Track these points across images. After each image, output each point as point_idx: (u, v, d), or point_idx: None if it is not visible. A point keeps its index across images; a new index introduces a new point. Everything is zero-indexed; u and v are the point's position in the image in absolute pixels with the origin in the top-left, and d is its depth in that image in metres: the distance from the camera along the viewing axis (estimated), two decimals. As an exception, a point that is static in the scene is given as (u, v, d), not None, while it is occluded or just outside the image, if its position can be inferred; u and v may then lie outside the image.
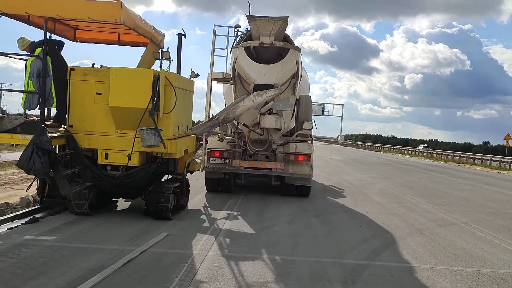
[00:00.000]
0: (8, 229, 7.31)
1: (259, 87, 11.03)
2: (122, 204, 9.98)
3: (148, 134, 7.75)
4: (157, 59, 9.18)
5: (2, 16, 7.68)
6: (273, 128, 11.70)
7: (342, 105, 79.59)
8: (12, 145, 8.32)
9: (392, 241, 8.00)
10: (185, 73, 10.31)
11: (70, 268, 5.47)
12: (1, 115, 7.64)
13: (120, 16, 7.44)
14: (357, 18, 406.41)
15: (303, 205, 11.24)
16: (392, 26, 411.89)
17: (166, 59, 9.16)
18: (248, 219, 9.15)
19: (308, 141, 12.44)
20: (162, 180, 9.56)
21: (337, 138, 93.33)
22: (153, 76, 7.90)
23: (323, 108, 75.21)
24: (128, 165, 8.20)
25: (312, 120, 13.21)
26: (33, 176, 8.36)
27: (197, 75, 10.12)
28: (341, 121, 77.72)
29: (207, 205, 10.59)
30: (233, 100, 11.52)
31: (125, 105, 7.92)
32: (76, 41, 10.16)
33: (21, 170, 8.84)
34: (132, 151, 8.01)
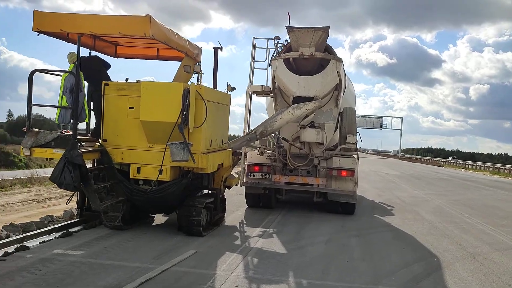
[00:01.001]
0: (40, 242, 7.39)
1: (299, 100, 10.68)
2: (159, 218, 9.92)
3: (177, 148, 7.62)
4: (188, 72, 9.10)
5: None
6: (314, 142, 11.27)
7: (402, 118, 76.87)
8: (46, 159, 8.51)
9: (438, 266, 7.27)
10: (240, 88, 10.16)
11: (86, 286, 5.35)
12: (37, 130, 7.81)
13: (149, 30, 7.41)
14: (417, 29, 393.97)
15: (345, 223, 10.65)
16: (455, 36, 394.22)
17: (197, 72, 9.06)
18: (283, 237, 8.74)
19: (353, 156, 11.85)
20: (197, 195, 9.40)
21: (397, 152, 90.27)
22: (183, 89, 7.78)
23: (381, 121, 73.09)
24: (159, 179, 8.11)
25: (357, 133, 12.59)
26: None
27: (234, 88, 9.95)
28: (401, 135, 75.04)
29: (244, 222, 10.29)
30: (273, 114, 11.23)
31: (156, 119, 7.86)
32: (117, 57, 10.34)
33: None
34: (162, 165, 7.91)
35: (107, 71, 9.15)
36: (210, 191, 9.28)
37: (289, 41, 11.06)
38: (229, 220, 10.07)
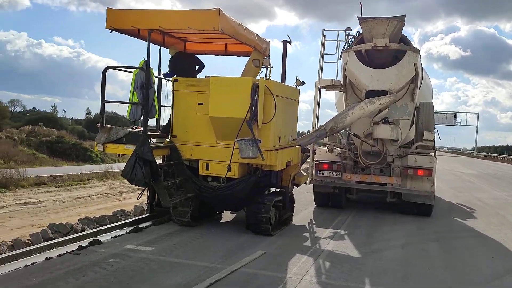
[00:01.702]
0: (112, 237, 7.50)
1: (372, 94, 10.08)
2: (227, 216, 9.80)
3: (246, 145, 7.40)
4: (256, 67, 8.85)
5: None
6: (388, 139, 10.62)
7: (478, 114, 72.06)
8: (118, 155, 8.65)
9: (535, 279, 6.47)
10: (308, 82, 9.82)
11: (154, 285, 5.27)
12: (109, 126, 7.93)
13: (218, 24, 7.24)
14: (494, 19, 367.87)
15: (422, 226, 9.93)
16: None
17: (265, 66, 8.79)
18: (355, 239, 8.27)
19: (430, 154, 11.04)
20: (265, 193, 9.17)
21: (472, 149, 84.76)
22: (252, 84, 7.54)
23: (455, 117, 69.03)
24: (227, 176, 7.95)
25: (435, 130, 11.72)
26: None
27: (303, 83, 9.56)
28: (476, 131, 70.42)
29: (313, 222, 9.91)
30: (344, 109, 10.72)
31: (224, 115, 7.69)
32: (186, 53, 10.32)
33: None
34: (230, 162, 7.73)
35: (199, 71, 9.21)
36: (278, 189, 9.00)
37: (361, 32, 10.48)
38: (297, 220, 9.73)
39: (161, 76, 9.23)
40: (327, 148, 11.60)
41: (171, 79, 8.66)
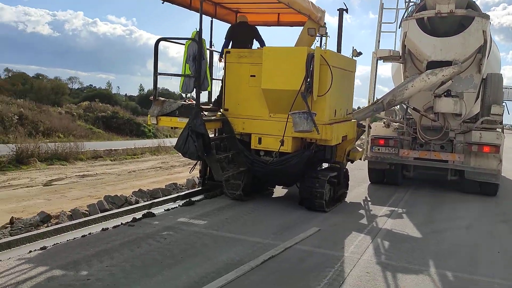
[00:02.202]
0: (165, 210, 7.52)
1: (434, 65, 9.43)
2: (279, 191, 9.62)
3: (300, 118, 7.10)
4: (312, 35, 8.44)
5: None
6: (451, 113, 9.96)
7: (547, 88, 66.99)
8: (171, 128, 8.61)
9: None
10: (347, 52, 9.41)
11: (207, 260, 5.17)
12: (162, 99, 7.87)
13: (273, -9, 6.89)
14: None
15: (486, 206, 9.30)
16: None
17: (322, 35, 8.36)
18: (414, 219, 7.84)
19: (497, 129, 10.26)
20: (319, 169, 8.88)
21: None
22: (307, 54, 7.18)
23: (518, 91, 64.57)
24: (280, 151, 7.71)
25: (504, 104, 10.87)
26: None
27: (360, 53, 9.07)
28: (543, 107, 65.68)
29: (368, 199, 9.53)
30: (402, 82, 10.12)
31: (277, 87, 7.40)
32: (238, 25, 10.05)
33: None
34: (284, 136, 7.48)
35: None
36: (333, 165, 8.67)
37: (423, -2, 9.76)
38: (351, 197, 9.39)
39: (213, 48, 9.04)
40: (384, 123, 11.09)
41: (220, 51, 8.47)
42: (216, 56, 9.08)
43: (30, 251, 5.20)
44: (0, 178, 12.00)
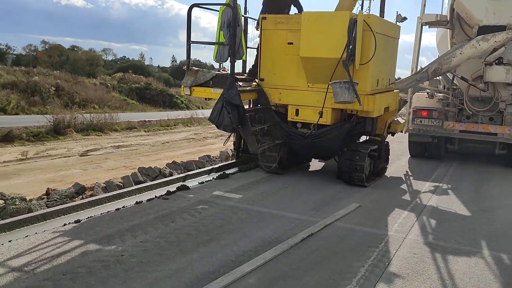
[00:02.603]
0: (199, 183, 7.34)
1: (485, 30, 8.72)
2: (315, 164, 9.30)
3: (341, 88, 6.68)
4: (354, -1, 7.89)
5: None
6: (502, 83, 9.26)
7: None
8: (205, 99, 8.34)
9: None
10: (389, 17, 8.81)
11: (243, 236, 4.95)
12: (196, 68, 7.58)
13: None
14: None
15: (539, 183, 8.70)
16: None
17: (365, -2, 7.78)
18: (461, 195, 7.38)
19: (553, 101, 9.52)
20: (358, 141, 8.48)
21: None
22: (349, 19, 6.68)
23: None
24: (319, 123, 7.34)
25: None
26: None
27: (405, 18, 8.49)
28: None
29: (409, 173, 9.08)
30: (449, 49, 9.45)
31: (317, 55, 6.96)
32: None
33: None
34: (323, 107, 7.10)
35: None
36: (373, 138, 8.24)
37: (476, -43, 8.95)
38: (391, 171, 8.96)
39: (248, 15, 8.62)
40: (427, 93, 10.48)
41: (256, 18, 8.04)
42: (250, 24, 8.68)
43: (65, 224, 5.12)
44: (39, 148, 12.24)
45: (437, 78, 10.36)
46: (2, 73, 23.31)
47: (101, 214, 5.54)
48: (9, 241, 4.54)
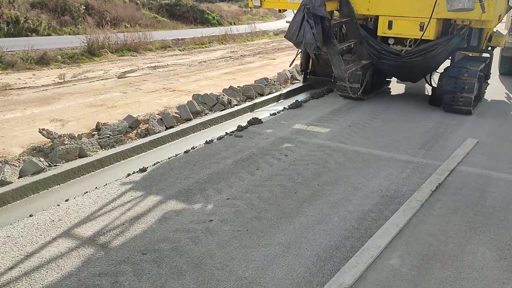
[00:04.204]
0: (271, 114, 6.20)
1: None
2: (395, 87, 7.96)
3: (460, -9, 5.14)
4: None
5: None
6: None
7: None
8: (279, 11, 6.93)
9: None
10: None
11: (353, 189, 3.86)
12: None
13: None
14: None
15: None
16: None
17: None
18: None
19: None
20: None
21: None
22: None
23: None
24: (421, 38, 5.91)
25: None
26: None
27: None
28: None
29: (511, 96, 7.65)
30: None
31: None
32: None
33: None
34: (430, 18, 5.61)
35: None
36: (479, 54, 6.77)
37: None
38: (490, 94, 7.55)
39: None
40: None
41: None
42: None
43: (129, 174, 4.15)
44: (76, 71, 11.38)
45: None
46: (29, -10, 21.97)
47: (168, 158, 4.54)
48: (66, 201, 3.62)
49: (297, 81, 9.81)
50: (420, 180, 4.07)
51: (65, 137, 5.51)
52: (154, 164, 4.37)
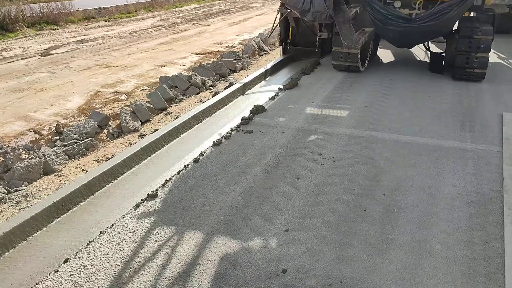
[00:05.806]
0: (270, 98, 5.24)
1: None
2: (383, 54, 7.30)
3: None
4: None
5: None
6: None
7: None
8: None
9: None
10: None
11: (430, 198, 3.09)
12: None
13: None
14: None
15: None
16: None
17: None
18: None
19: None
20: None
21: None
22: None
23: None
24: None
25: None
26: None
27: None
28: None
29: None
30: None
31: None
32: None
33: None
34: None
35: None
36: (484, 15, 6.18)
37: None
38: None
39: None
40: None
41: None
42: None
43: (137, 206, 3.06)
44: (-12, 50, 9.62)
45: None
46: None
47: (178, 173, 3.48)
48: (64, 262, 2.50)
49: (265, 52, 8.85)
50: (493, 175, 3.40)
51: (20, 149, 4.21)
52: (164, 184, 3.31)
